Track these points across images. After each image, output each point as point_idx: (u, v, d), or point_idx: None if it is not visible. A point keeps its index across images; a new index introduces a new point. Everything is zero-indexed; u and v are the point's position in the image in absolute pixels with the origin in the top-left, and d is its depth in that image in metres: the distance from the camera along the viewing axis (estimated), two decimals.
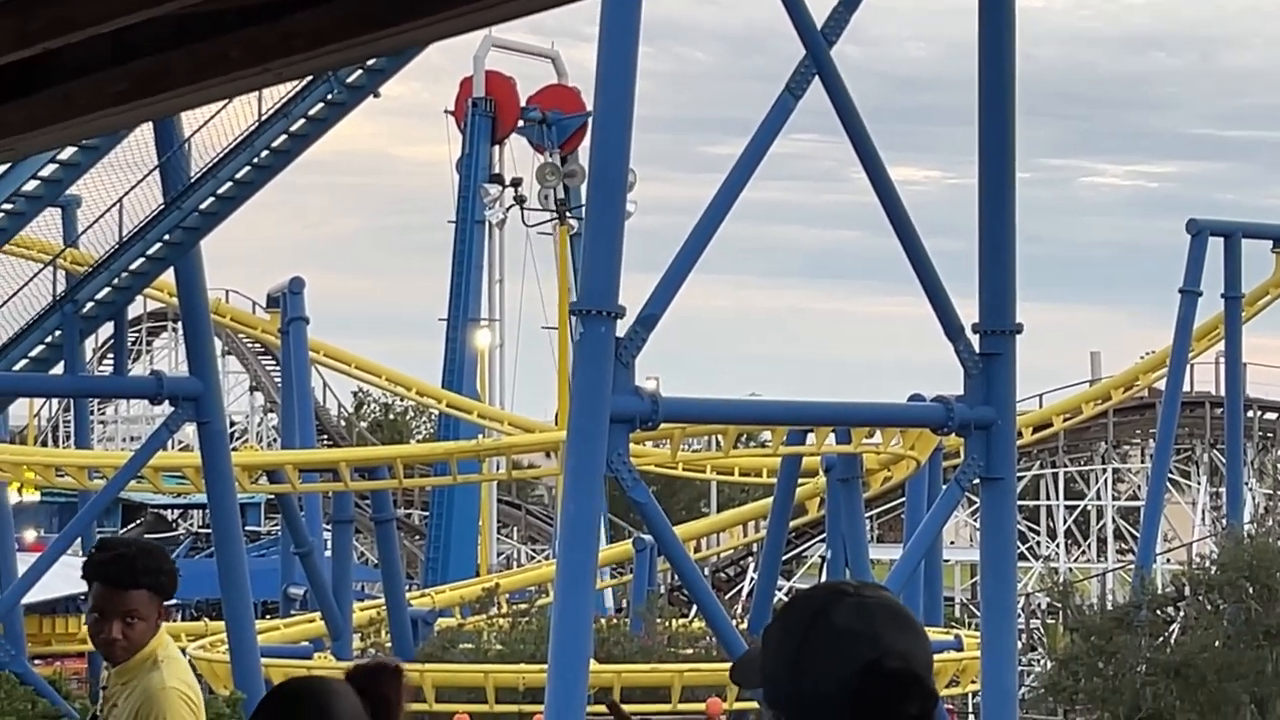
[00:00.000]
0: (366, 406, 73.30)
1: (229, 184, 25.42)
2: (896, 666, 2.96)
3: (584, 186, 43.26)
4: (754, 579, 41.30)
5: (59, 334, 25.97)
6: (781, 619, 3.08)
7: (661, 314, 17.25)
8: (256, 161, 25.49)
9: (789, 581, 49.57)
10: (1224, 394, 41.29)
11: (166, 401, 25.99)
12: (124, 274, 25.98)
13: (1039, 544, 54.82)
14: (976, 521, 40.03)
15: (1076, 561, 54.58)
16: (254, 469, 33.67)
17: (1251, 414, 49.39)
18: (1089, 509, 55.48)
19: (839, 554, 30.65)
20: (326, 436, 61.00)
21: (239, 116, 25.43)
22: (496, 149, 52.70)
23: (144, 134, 25.65)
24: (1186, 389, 44.56)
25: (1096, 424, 53.07)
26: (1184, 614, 33.22)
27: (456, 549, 49.04)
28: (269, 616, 39.52)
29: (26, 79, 5.15)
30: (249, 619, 26.51)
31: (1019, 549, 29.87)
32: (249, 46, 4.49)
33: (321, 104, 25.47)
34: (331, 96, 25.36)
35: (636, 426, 17.18)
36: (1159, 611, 33.39)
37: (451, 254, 51.46)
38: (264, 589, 37.57)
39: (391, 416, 72.98)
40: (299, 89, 25.10)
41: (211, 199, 25.39)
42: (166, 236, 25.54)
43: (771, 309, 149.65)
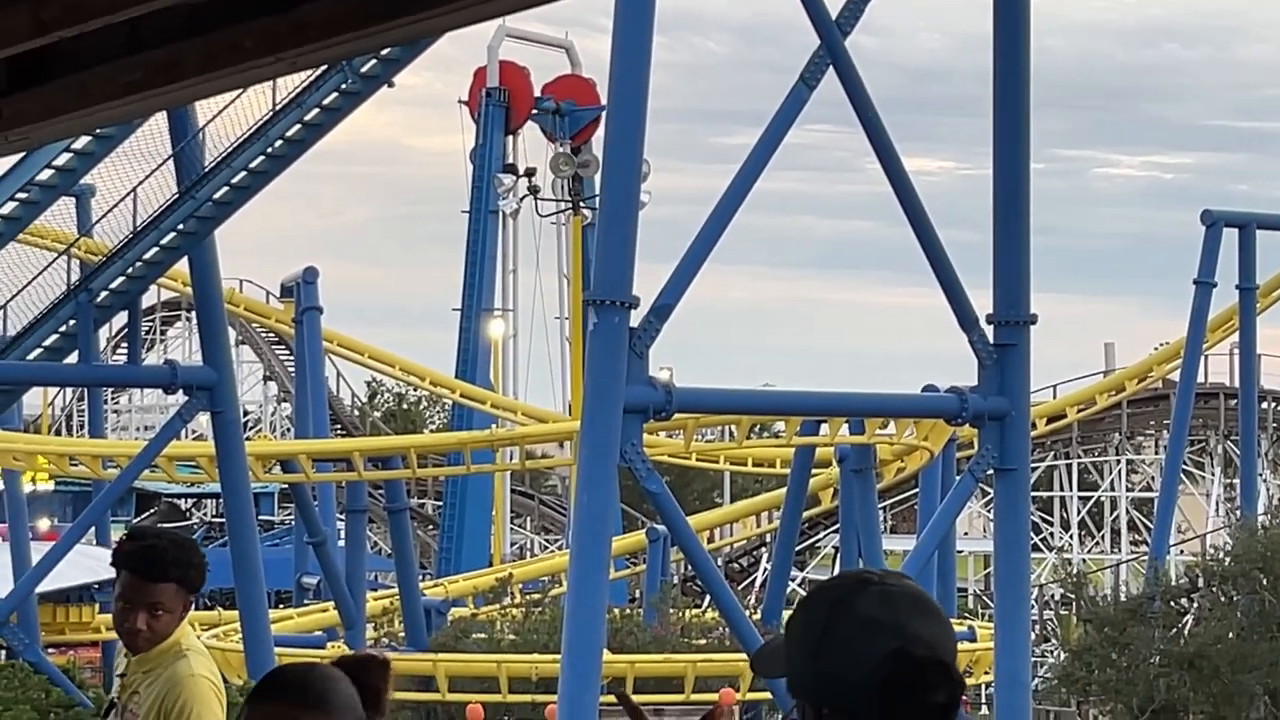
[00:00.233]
0: (380, 396, 73.28)
1: (243, 173, 25.42)
2: (923, 654, 2.92)
3: (598, 176, 43.35)
4: (767, 569, 41.34)
5: (73, 323, 25.98)
6: (804, 607, 3.04)
7: (675, 304, 17.26)
8: (270, 151, 25.49)
9: (802, 572, 49.61)
10: (1238, 385, 41.22)
11: (180, 391, 26.02)
12: (138, 263, 25.99)
13: (1052, 535, 54.72)
14: (990, 512, 40.00)
15: (1090, 553, 54.54)
16: (268, 458, 33.72)
17: (1266, 405, 49.31)
18: (1103, 500, 55.42)
19: (852, 545, 30.65)
20: (340, 426, 61.04)
21: (253, 106, 25.45)
22: (510, 139, 52.62)
23: (158, 123, 25.64)
24: (1201, 380, 44.47)
25: (1110, 415, 53.02)
26: (1198, 605, 33.19)
27: (470, 539, 49.01)
28: (283, 606, 39.59)
29: (41, 68, 5.16)
30: (263, 608, 26.52)
31: (1032, 540, 29.82)
32: (262, 36, 4.49)
33: (335, 93, 25.46)
34: (345, 86, 25.35)
35: (650, 416, 17.20)
36: (1173, 603, 33.35)
37: (465, 244, 51.40)
38: (278, 578, 37.63)
39: (405, 406, 72.95)
40: (313, 78, 25.09)
41: (226, 188, 25.38)
42: (181, 226, 25.54)
43: (785, 299, 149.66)
